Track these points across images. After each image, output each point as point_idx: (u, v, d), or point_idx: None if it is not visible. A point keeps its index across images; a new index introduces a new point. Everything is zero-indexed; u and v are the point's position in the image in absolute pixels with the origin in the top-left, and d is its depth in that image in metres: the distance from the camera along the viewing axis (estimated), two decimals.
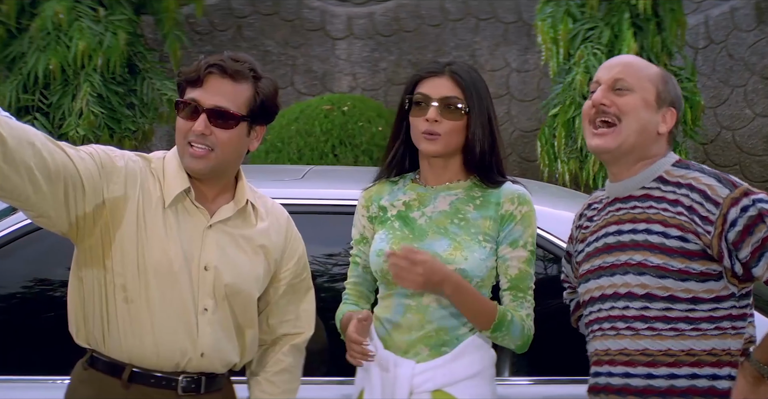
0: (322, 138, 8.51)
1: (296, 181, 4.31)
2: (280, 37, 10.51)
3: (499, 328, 3.19)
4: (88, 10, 8.48)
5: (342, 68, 10.46)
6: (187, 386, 3.04)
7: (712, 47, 10.07)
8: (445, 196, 3.28)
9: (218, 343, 3.06)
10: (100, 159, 2.97)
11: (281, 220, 3.22)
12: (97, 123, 8.40)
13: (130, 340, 3.00)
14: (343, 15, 10.53)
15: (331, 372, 3.73)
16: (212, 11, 10.43)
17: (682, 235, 2.98)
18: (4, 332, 3.89)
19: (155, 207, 3.02)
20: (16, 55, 8.59)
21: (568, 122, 8.16)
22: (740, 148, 9.97)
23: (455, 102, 3.23)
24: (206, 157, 3.01)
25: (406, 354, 3.22)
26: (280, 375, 3.23)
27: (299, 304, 3.26)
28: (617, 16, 8.16)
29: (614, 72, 3.11)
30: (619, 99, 3.08)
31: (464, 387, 3.20)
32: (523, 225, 3.24)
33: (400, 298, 3.24)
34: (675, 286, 2.98)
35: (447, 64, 3.29)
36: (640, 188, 3.09)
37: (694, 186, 3.01)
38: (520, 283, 3.24)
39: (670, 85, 3.13)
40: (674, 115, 3.12)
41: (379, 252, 3.25)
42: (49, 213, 2.90)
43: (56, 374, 3.72)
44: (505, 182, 3.29)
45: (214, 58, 3.03)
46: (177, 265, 3.00)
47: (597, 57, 8.05)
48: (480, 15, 10.46)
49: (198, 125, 2.99)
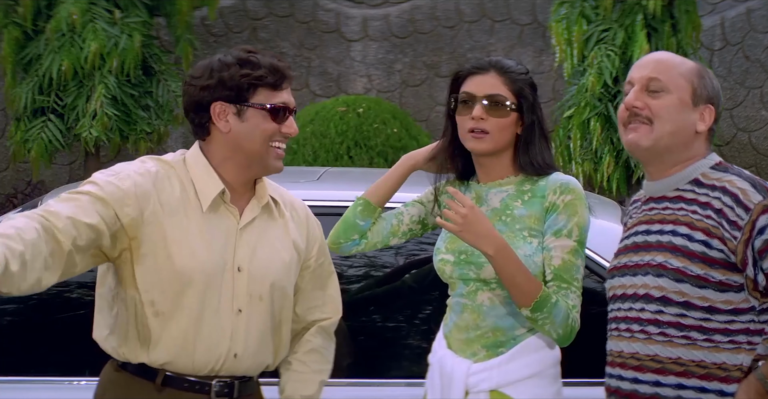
0: (337, 140, 8.51)
1: (312, 182, 4.31)
2: (295, 38, 10.52)
3: (540, 308, 3.10)
4: (104, 12, 8.50)
5: (357, 70, 10.46)
6: (221, 391, 3.04)
7: (729, 49, 10.04)
8: (496, 192, 3.26)
9: (252, 343, 3.06)
10: (104, 192, 2.95)
11: (300, 210, 3.24)
12: (110, 125, 8.43)
13: (164, 349, 3.00)
14: (359, 17, 10.53)
15: (356, 373, 3.75)
16: (227, 13, 10.44)
17: (706, 240, 2.89)
18: (20, 333, 3.91)
19: (180, 214, 3.02)
20: (32, 57, 8.63)
21: (582, 124, 8.15)
22: (756, 149, 9.94)
23: (501, 99, 3.20)
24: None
25: (464, 353, 3.21)
26: (310, 355, 3.22)
27: (325, 290, 3.27)
28: (631, 17, 8.15)
29: (647, 71, 3.00)
30: (653, 101, 2.98)
31: (522, 387, 3.16)
32: (567, 214, 3.18)
33: (458, 298, 3.24)
34: (691, 293, 2.90)
35: (491, 60, 3.27)
36: (674, 190, 3.00)
37: (728, 189, 2.91)
38: (564, 273, 3.16)
39: (707, 80, 3.00)
40: (712, 112, 3.00)
41: (437, 251, 3.27)
42: (75, 271, 2.94)
43: (71, 375, 3.73)
44: (552, 172, 3.25)
45: (278, 61, 3.08)
46: (209, 268, 3.01)
47: (610, 59, 8.04)
48: (495, 16, 10.45)
49: (292, 126, 3.10)
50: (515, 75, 3.23)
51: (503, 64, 3.24)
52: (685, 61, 3.04)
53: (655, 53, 3.12)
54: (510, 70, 3.24)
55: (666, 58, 3.05)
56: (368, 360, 3.79)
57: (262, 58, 3.06)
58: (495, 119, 3.20)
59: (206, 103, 3.04)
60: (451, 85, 3.29)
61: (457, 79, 3.28)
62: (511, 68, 3.24)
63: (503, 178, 3.27)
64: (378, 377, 3.78)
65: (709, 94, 3.00)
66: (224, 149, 3.07)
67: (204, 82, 3.05)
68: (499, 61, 3.26)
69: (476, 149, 3.24)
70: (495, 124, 3.19)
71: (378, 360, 3.88)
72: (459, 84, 3.27)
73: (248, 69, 3.03)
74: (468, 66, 3.29)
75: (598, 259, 3.74)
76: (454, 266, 3.23)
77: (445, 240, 3.27)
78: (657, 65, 3.01)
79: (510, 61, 3.28)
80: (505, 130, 3.21)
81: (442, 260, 3.25)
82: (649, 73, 3.00)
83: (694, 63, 3.03)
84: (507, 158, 3.26)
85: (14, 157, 8.84)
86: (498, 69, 3.23)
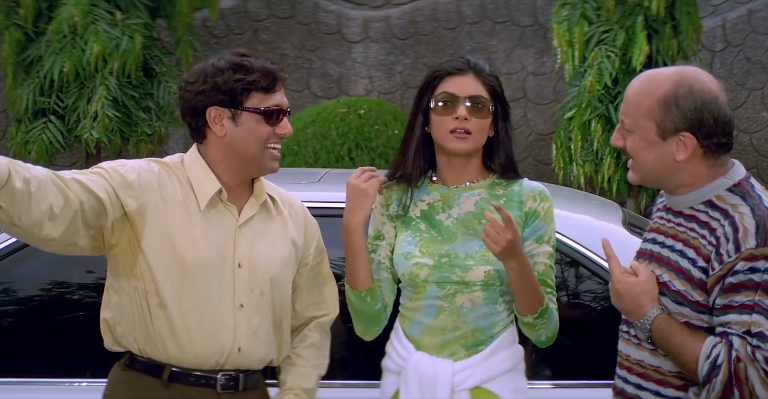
0: (339, 141, 8.51)
1: (313, 184, 4.32)
2: (296, 40, 10.52)
3: (543, 315, 3.20)
4: (105, 14, 8.50)
5: (358, 71, 10.46)
6: (226, 384, 3.10)
7: (730, 50, 10.04)
8: (468, 196, 3.29)
9: (255, 337, 3.11)
10: (111, 177, 3.04)
11: (298, 208, 3.30)
12: (111, 126, 8.43)
13: (169, 342, 3.06)
14: (360, 18, 10.53)
15: (354, 375, 3.75)
16: (228, 15, 10.44)
17: (706, 268, 2.86)
18: (25, 334, 3.91)
19: (182, 210, 3.09)
20: (33, 59, 8.62)
21: (583, 125, 8.15)
22: (758, 151, 9.94)
23: (483, 101, 3.24)
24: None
25: (440, 354, 3.23)
26: (308, 349, 3.29)
27: (323, 287, 3.33)
28: (631, 19, 8.15)
29: (621, 108, 2.97)
30: (628, 140, 2.95)
31: (501, 382, 3.23)
32: (546, 221, 3.26)
33: (431, 300, 3.25)
34: (691, 315, 2.89)
35: (468, 61, 3.29)
36: (690, 208, 2.95)
37: (735, 222, 2.83)
38: (548, 278, 3.25)
39: (677, 109, 2.87)
40: (691, 138, 2.87)
41: (407, 255, 3.26)
42: (77, 242, 3.00)
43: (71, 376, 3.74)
44: (522, 178, 3.31)
45: (270, 63, 3.11)
46: (210, 264, 3.07)
47: (610, 60, 8.04)
48: (496, 18, 10.45)
49: (286, 127, 3.14)
50: (491, 78, 3.28)
51: (480, 67, 3.29)
52: (656, 90, 2.89)
53: (633, 81, 2.99)
54: (486, 72, 3.28)
55: (634, 92, 2.94)
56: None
57: (255, 61, 3.11)
58: (476, 120, 3.23)
59: (201, 108, 3.11)
60: (427, 85, 3.29)
61: (434, 79, 3.29)
62: (486, 71, 3.29)
63: (474, 181, 3.30)
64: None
65: (684, 121, 2.87)
66: (220, 152, 3.14)
67: (199, 87, 3.10)
68: (476, 62, 3.30)
69: (459, 149, 3.25)
70: (476, 124, 3.23)
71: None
72: (436, 84, 3.28)
73: (241, 74, 3.09)
74: (446, 66, 3.30)
75: (601, 261, 3.74)
76: (432, 270, 3.23)
77: (416, 244, 3.26)
78: (625, 103, 2.95)
79: (482, 63, 3.31)
80: (483, 132, 3.26)
81: (417, 264, 3.23)
82: (621, 111, 2.97)
83: (666, 89, 2.88)
84: (477, 160, 3.30)
85: (15, 158, 8.81)
86: (476, 71, 3.27)
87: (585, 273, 3.88)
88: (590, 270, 3.83)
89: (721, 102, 2.90)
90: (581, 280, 3.97)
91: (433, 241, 3.25)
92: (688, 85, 2.89)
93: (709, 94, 2.89)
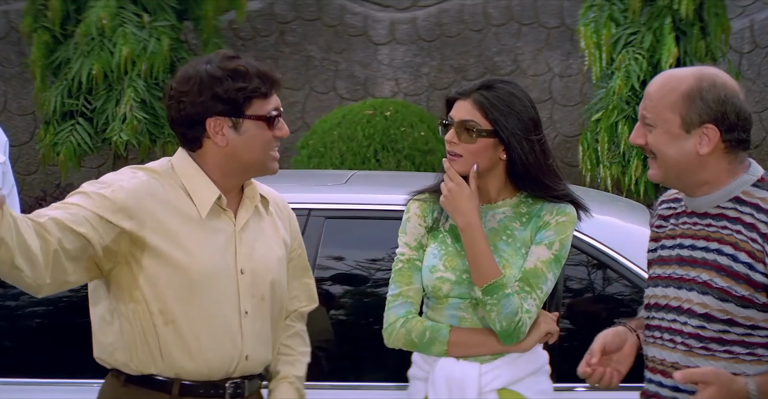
0: (365, 143, 8.52)
1: (339, 185, 4.32)
2: (322, 42, 10.54)
3: (491, 293, 3.17)
4: (133, 16, 8.54)
5: (384, 73, 10.47)
6: (234, 392, 3.07)
7: (758, 51, 10.00)
8: (494, 214, 3.33)
9: (259, 343, 3.10)
10: (95, 205, 2.93)
11: (281, 205, 3.28)
12: (140, 128, 8.47)
13: (180, 357, 3.00)
14: (386, 20, 10.54)
15: (386, 377, 3.76)
16: (255, 17, 10.47)
17: (750, 263, 2.87)
18: (29, 335, 3.93)
19: (180, 220, 3.01)
20: (61, 61, 8.68)
21: (610, 127, 8.13)
22: None
23: (471, 125, 3.26)
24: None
25: (467, 359, 3.27)
26: (293, 338, 3.30)
27: (304, 279, 3.35)
28: (659, 20, 8.13)
29: (642, 105, 2.99)
30: (649, 135, 2.96)
31: (528, 383, 3.28)
32: (555, 231, 3.27)
33: (453, 311, 3.29)
34: (736, 312, 2.89)
35: (478, 86, 3.31)
36: (715, 207, 2.96)
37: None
38: (531, 278, 3.24)
39: (701, 101, 2.92)
40: (714, 130, 2.91)
41: (432, 268, 3.29)
42: (68, 279, 2.91)
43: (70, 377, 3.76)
44: (558, 200, 3.30)
45: (263, 66, 3.08)
46: (215, 273, 3.02)
47: (638, 62, 8.02)
48: (523, 20, 10.44)
49: (283, 128, 3.11)
50: (495, 100, 3.26)
51: (482, 93, 3.28)
52: (678, 85, 2.95)
53: (655, 79, 3.03)
54: (492, 95, 3.27)
55: (656, 88, 2.98)
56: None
57: (249, 66, 3.04)
58: (464, 144, 3.26)
59: (199, 119, 3.02)
60: (445, 107, 3.37)
61: (446, 103, 3.36)
62: (491, 97, 3.27)
63: (498, 200, 3.34)
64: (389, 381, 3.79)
65: (708, 114, 2.91)
66: (219, 159, 3.06)
67: (196, 97, 3.01)
68: (484, 86, 3.29)
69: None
70: (464, 148, 3.27)
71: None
72: (448, 109, 3.35)
73: (241, 82, 3.01)
74: (455, 90, 3.36)
75: (628, 263, 3.73)
76: (453, 285, 3.27)
77: (441, 257, 3.30)
78: (646, 100, 2.98)
79: (498, 83, 3.31)
80: (478, 155, 3.26)
81: (440, 278, 3.27)
82: (642, 107, 2.99)
83: (689, 83, 2.93)
84: (496, 181, 3.32)
85: (43, 160, 8.89)
86: (478, 96, 3.27)
87: (612, 275, 3.87)
88: (618, 272, 3.83)
89: (741, 98, 2.96)
90: (608, 283, 3.97)
91: (456, 255, 3.29)
92: (710, 79, 2.94)
93: (731, 89, 2.95)
